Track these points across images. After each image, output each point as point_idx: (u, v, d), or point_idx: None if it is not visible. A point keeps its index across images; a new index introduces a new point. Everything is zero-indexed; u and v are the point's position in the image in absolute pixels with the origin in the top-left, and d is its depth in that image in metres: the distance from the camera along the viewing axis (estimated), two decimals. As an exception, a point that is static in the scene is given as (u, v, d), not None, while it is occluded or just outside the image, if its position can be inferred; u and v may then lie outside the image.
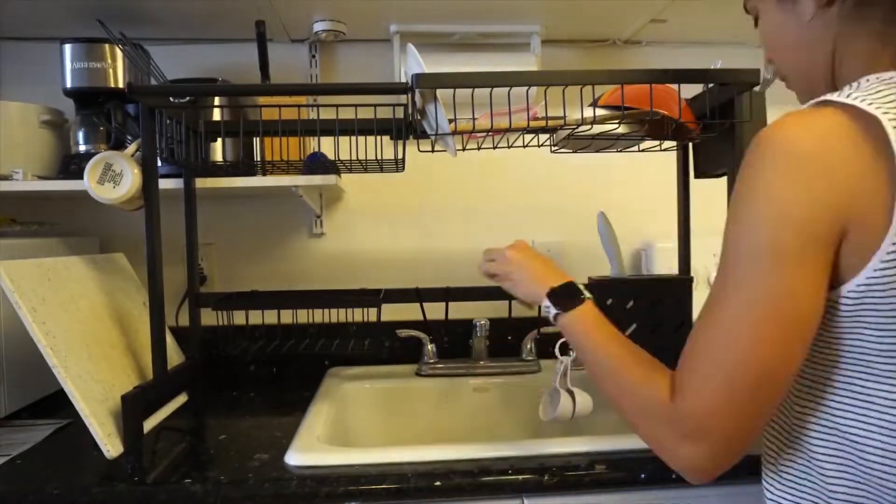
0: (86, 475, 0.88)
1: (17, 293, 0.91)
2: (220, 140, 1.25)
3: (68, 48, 1.24)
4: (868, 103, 0.58)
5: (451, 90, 0.91)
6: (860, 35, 0.65)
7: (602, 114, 0.98)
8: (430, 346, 1.37)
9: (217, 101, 1.27)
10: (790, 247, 0.56)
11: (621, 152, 1.16)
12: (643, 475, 0.87)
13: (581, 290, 0.79)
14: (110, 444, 0.91)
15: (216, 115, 1.26)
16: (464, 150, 1.08)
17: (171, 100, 1.07)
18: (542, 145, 1.11)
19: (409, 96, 0.98)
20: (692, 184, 1.20)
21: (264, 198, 1.48)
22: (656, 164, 1.15)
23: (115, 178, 1.02)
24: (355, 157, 1.05)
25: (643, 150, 1.14)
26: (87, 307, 1.05)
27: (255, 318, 1.37)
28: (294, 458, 0.90)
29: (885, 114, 0.57)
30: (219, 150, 1.27)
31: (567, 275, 0.83)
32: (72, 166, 1.25)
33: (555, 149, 1.12)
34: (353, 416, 1.28)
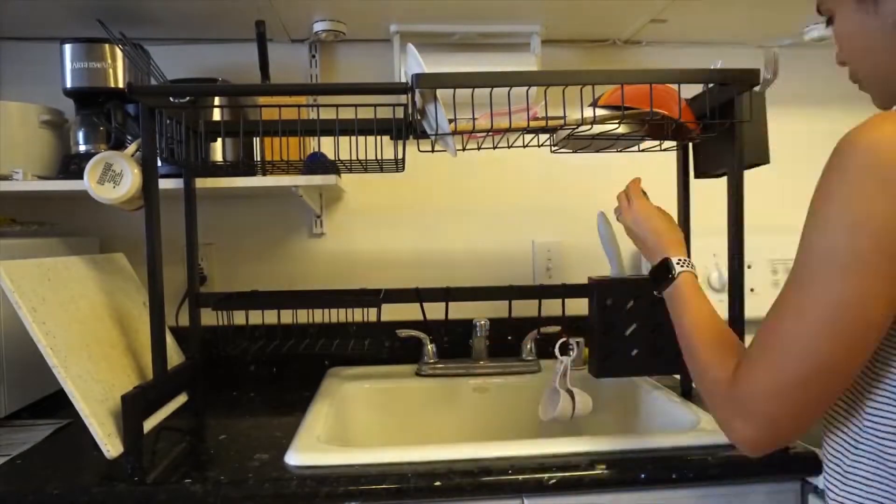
0: (86, 475, 0.88)
1: (17, 293, 0.91)
2: (220, 140, 1.25)
3: (68, 48, 1.24)
4: None
5: (451, 90, 0.91)
6: None
7: (602, 114, 0.98)
8: (430, 346, 1.37)
9: (217, 101, 1.27)
10: (866, 255, 0.57)
11: (621, 152, 1.16)
12: (643, 475, 0.87)
13: (671, 268, 0.86)
14: (110, 444, 0.91)
15: (216, 115, 1.26)
16: (464, 150, 1.08)
17: (171, 100, 1.07)
18: (542, 145, 1.11)
19: (409, 96, 0.98)
20: (692, 184, 1.20)
21: (264, 198, 1.48)
22: (656, 164, 1.15)
23: (115, 178, 1.02)
24: (355, 157, 1.05)
25: (643, 150, 1.14)
26: (87, 307, 1.05)
27: (255, 318, 1.37)
28: (294, 458, 0.90)
29: None
30: (219, 150, 1.27)
31: (674, 240, 0.90)
32: (72, 166, 1.25)
33: (555, 149, 1.12)
34: (353, 416, 1.28)
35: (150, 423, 1.06)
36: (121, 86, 1.25)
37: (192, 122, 1.13)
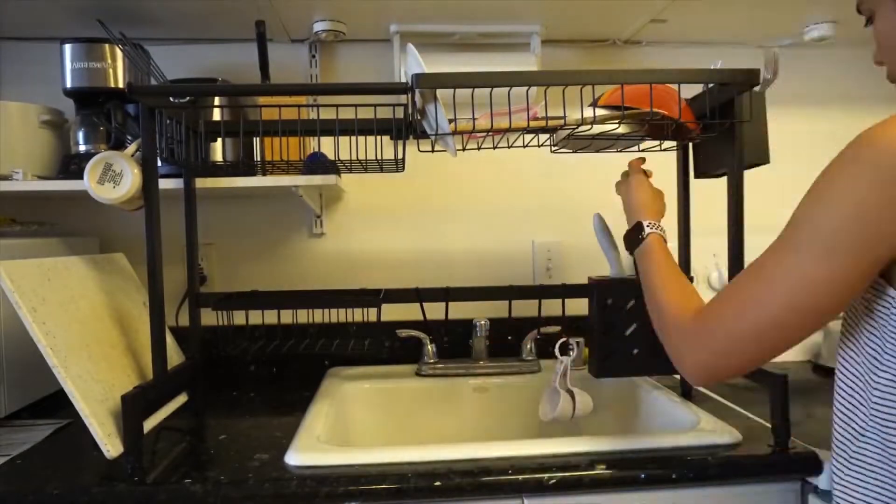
0: (86, 475, 0.88)
1: (17, 293, 0.91)
2: (220, 140, 1.25)
3: (68, 48, 1.24)
4: None
5: (451, 90, 0.91)
6: None
7: (602, 114, 0.98)
8: (430, 346, 1.37)
9: (217, 101, 1.27)
10: (848, 246, 0.61)
11: (621, 152, 1.16)
12: (643, 475, 0.87)
13: (642, 230, 0.94)
14: (110, 444, 0.91)
15: (216, 115, 1.26)
16: (464, 150, 1.08)
17: (171, 100, 1.07)
18: (542, 145, 1.11)
19: (409, 96, 0.98)
20: (692, 184, 1.20)
21: (264, 198, 1.48)
22: (656, 164, 1.15)
23: (115, 178, 1.02)
24: (355, 157, 1.05)
25: (643, 150, 1.14)
26: (87, 307, 1.05)
27: (255, 318, 1.37)
28: (294, 458, 0.90)
29: None
30: (219, 150, 1.27)
31: (651, 209, 0.98)
32: (72, 166, 1.25)
33: (555, 149, 1.12)
34: (353, 416, 1.28)
35: (150, 423, 1.06)
36: (121, 86, 1.25)
37: (192, 122, 1.13)
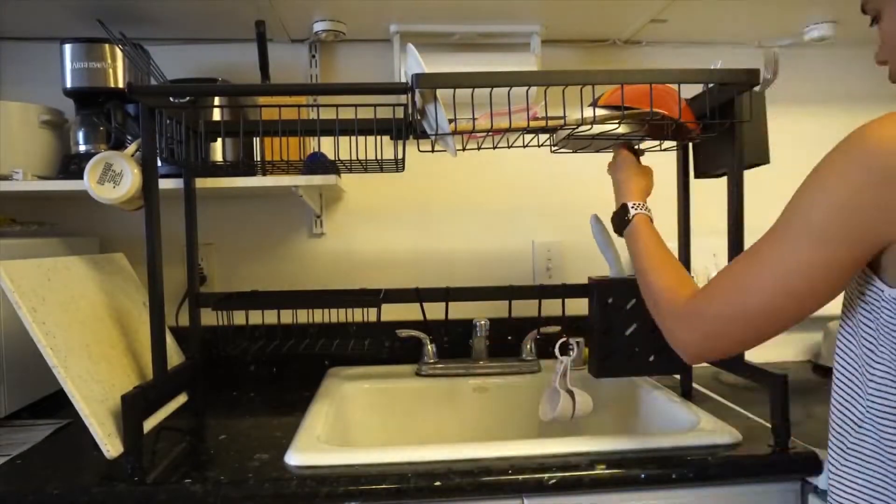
0: (86, 475, 0.88)
1: (17, 293, 0.91)
2: (220, 140, 1.25)
3: (68, 48, 1.24)
4: None
5: (451, 90, 0.91)
6: None
7: (602, 114, 0.98)
8: (430, 346, 1.37)
9: (217, 101, 1.27)
10: (838, 234, 0.63)
11: (621, 152, 1.16)
12: (643, 475, 0.87)
13: (627, 211, 0.96)
14: (110, 444, 0.91)
15: (216, 115, 1.26)
16: (464, 150, 1.08)
17: (171, 100, 1.06)
18: (542, 145, 1.11)
19: (409, 96, 0.98)
20: (692, 184, 1.20)
21: (264, 198, 1.48)
22: (656, 164, 1.15)
23: (115, 178, 1.02)
24: (355, 157, 1.05)
25: (643, 150, 1.14)
26: (87, 307, 1.05)
27: (255, 318, 1.37)
28: (294, 458, 0.90)
29: None
30: (219, 150, 1.27)
31: (634, 189, 0.99)
32: (72, 166, 1.25)
33: (555, 149, 1.12)
34: (353, 416, 1.28)
35: (150, 423, 1.06)
36: (121, 86, 1.25)
37: (192, 122, 1.13)
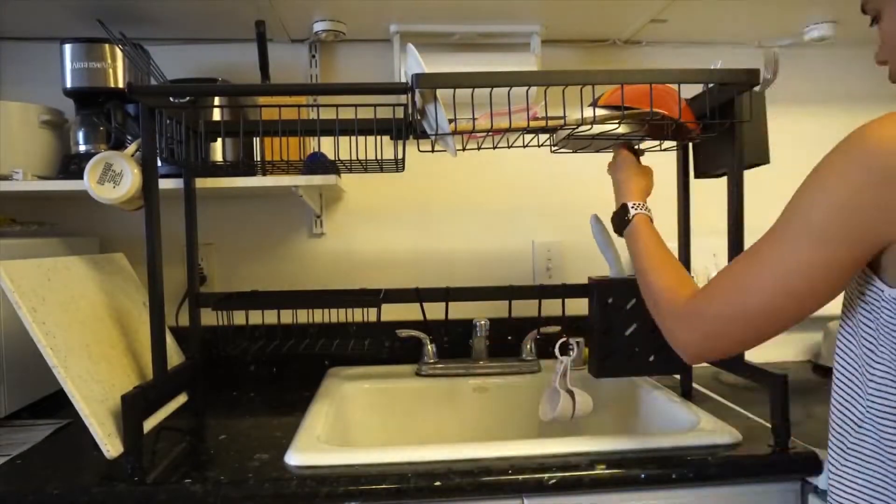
0: (86, 475, 0.88)
1: (17, 293, 0.91)
2: (220, 140, 1.25)
3: (68, 48, 1.24)
4: None
5: (451, 90, 0.91)
6: None
7: (602, 114, 0.98)
8: (430, 346, 1.37)
9: (217, 101, 1.27)
10: (838, 234, 0.63)
11: (621, 152, 1.16)
12: (643, 475, 0.87)
13: (627, 211, 0.96)
14: (110, 444, 0.91)
15: (216, 115, 1.26)
16: (464, 150, 1.08)
17: (171, 100, 1.06)
18: (542, 145, 1.11)
19: (409, 96, 0.98)
20: (692, 184, 1.20)
21: (264, 198, 1.48)
22: (656, 164, 1.15)
23: (115, 178, 1.02)
24: (355, 157, 1.05)
25: (643, 150, 1.14)
26: (87, 307, 1.05)
27: (255, 318, 1.37)
28: (294, 458, 0.90)
29: None
30: (219, 150, 1.27)
31: (633, 189, 0.99)
32: (72, 166, 1.25)
33: (555, 149, 1.12)
34: (353, 416, 1.28)
35: (150, 423, 1.06)
36: (121, 86, 1.25)
37: (192, 122, 1.13)
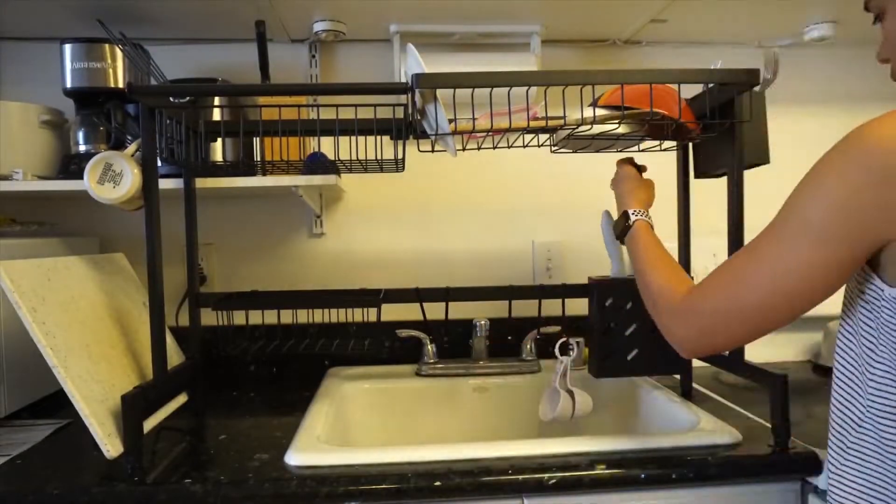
0: (86, 475, 0.88)
1: (17, 293, 0.91)
2: (220, 140, 1.25)
3: (68, 48, 1.24)
4: None
5: (451, 90, 0.91)
6: None
7: (602, 114, 0.98)
8: (430, 346, 1.37)
9: (217, 101, 1.27)
10: (838, 234, 0.63)
11: (621, 152, 1.16)
12: (643, 475, 0.87)
13: (629, 218, 0.98)
14: (110, 444, 0.91)
15: (216, 115, 1.26)
16: (464, 150, 1.08)
17: (171, 100, 1.06)
18: (542, 145, 1.11)
19: (409, 96, 0.98)
20: (692, 184, 1.20)
21: (264, 198, 1.48)
22: (656, 164, 1.15)
23: (115, 178, 1.02)
24: (355, 157, 1.05)
25: (643, 150, 1.14)
26: (87, 307, 1.05)
27: (255, 318, 1.37)
28: (294, 458, 0.90)
29: None
30: (219, 150, 1.27)
31: (637, 198, 1.02)
32: (72, 166, 1.25)
33: (555, 149, 1.12)
34: (353, 416, 1.28)
35: (150, 423, 1.06)
36: (121, 86, 1.25)
37: (192, 122, 1.13)
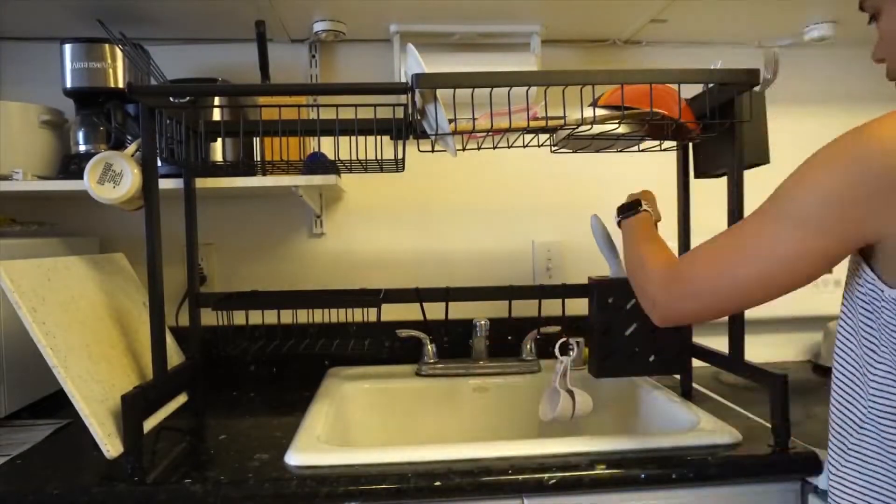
0: (86, 475, 0.88)
1: (17, 293, 0.91)
2: (220, 140, 1.25)
3: (68, 48, 1.24)
4: None
5: (451, 90, 0.91)
6: None
7: (602, 114, 0.98)
8: (430, 346, 1.37)
9: (217, 101, 1.27)
10: (824, 227, 0.64)
11: (621, 152, 1.16)
12: (643, 475, 0.87)
13: (639, 205, 0.99)
14: (110, 444, 0.91)
15: (216, 115, 1.26)
16: (464, 150, 1.08)
17: (171, 100, 1.06)
18: (542, 145, 1.11)
19: (409, 96, 0.98)
20: (692, 184, 1.20)
21: (264, 198, 1.48)
22: (656, 164, 1.15)
23: (115, 178, 1.02)
24: (355, 157, 1.05)
25: (643, 150, 1.14)
26: (87, 307, 1.05)
27: (255, 318, 1.37)
28: (294, 458, 0.90)
29: None
30: (219, 150, 1.27)
31: (648, 197, 1.03)
32: (72, 166, 1.25)
33: (555, 149, 1.12)
34: (353, 416, 1.28)
35: (150, 423, 1.06)
36: (121, 86, 1.25)
37: (192, 122, 1.13)
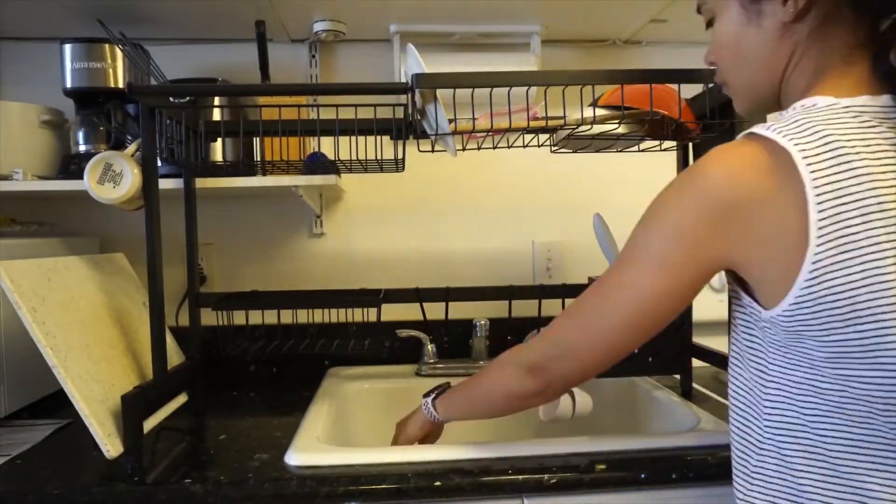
0: (86, 475, 0.88)
1: (17, 293, 0.91)
2: (220, 140, 1.25)
3: (68, 48, 1.24)
4: (783, 135, 0.61)
5: (451, 90, 0.91)
6: (812, 54, 0.66)
7: (602, 114, 0.98)
8: (430, 346, 1.37)
9: (217, 101, 1.27)
10: (677, 263, 0.65)
11: (621, 152, 1.16)
12: (643, 475, 0.87)
13: (432, 396, 0.95)
14: (110, 444, 0.91)
15: (216, 115, 1.26)
16: (464, 150, 1.08)
17: (171, 100, 1.07)
18: (542, 145, 1.11)
19: (409, 96, 0.98)
20: (692, 184, 1.19)
21: (264, 198, 1.48)
22: (656, 164, 1.15)
23: (115, 178, 1.02)
24: (355, 157, 1.05)
25: (643, 150, 1.14)
26: (87, 307, 1.05)
27: (255, 318, 1.37)
28: (294, 458, 0.90)
29: (797, 144, 0.60)
30: (219, 150, 1.27)
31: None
32: (72, 166, 1.25)
33: (555, 149, 1.12)
34: (353, 416, 1.28)
35: (150, 423, 1.06)
36: (121, 86, 1.25)
37: (192, 122, 1.13)
